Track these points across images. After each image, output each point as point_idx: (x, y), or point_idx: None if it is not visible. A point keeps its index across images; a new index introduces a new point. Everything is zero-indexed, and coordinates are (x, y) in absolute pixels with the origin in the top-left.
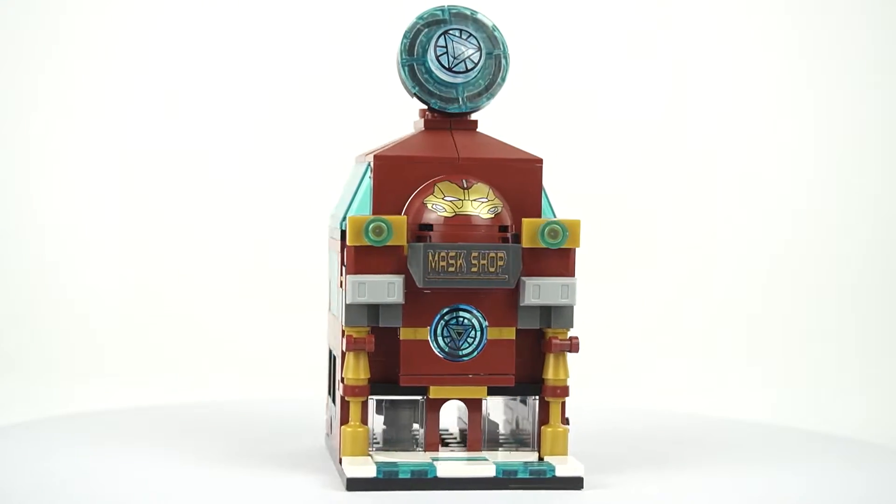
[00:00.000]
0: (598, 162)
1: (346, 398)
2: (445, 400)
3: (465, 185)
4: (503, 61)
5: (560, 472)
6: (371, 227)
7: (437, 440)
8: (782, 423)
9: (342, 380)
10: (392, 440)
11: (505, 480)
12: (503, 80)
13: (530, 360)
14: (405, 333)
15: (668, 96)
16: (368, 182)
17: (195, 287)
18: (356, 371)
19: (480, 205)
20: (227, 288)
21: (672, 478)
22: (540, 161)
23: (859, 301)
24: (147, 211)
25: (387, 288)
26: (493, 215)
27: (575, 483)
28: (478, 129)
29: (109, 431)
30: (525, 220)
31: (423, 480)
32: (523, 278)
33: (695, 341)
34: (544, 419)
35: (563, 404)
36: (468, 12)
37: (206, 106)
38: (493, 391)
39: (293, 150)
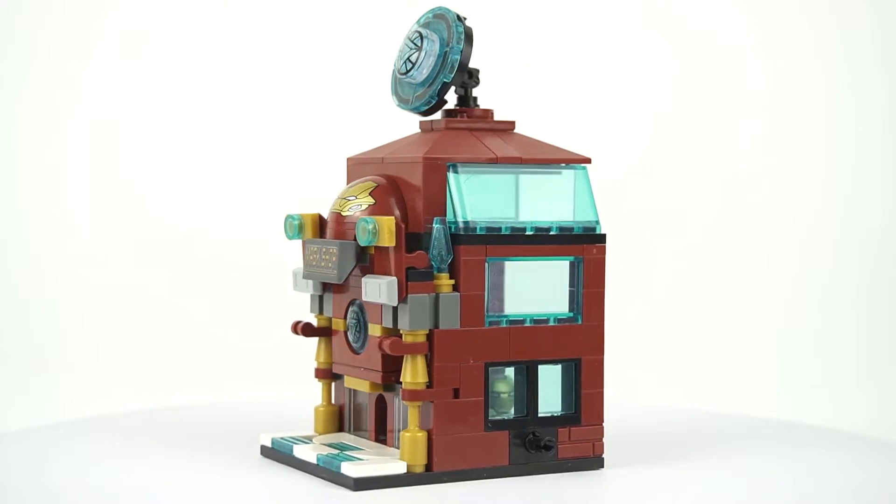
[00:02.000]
0: (599, 161)
1: (317, 380)
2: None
3: (350, 185)
4: (451, 58)
5: (344, 469)
6: (286, 223)
7: (373, 427)
8: (783, 418)
9: None
10: (358, 426)
11: (320, 469)
12: (447, 76)
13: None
14: (333, 323)
15: (670, 97)
16: None
17: (195, 290)
18: (325, 356)
19: (347, 203)
20: (229, 291)
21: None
22: (419, 160)
23: (861, 298)
24: (148, 213)
25: (300, 280)
26: (350, 213)
27: (353, 483)
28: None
29: (111, 437)
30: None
31: (290, 457)
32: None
33: (696, 337)
34: (405, 422)
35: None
36: (443, 11)
37: (206, 108)
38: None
39: (300, 151)
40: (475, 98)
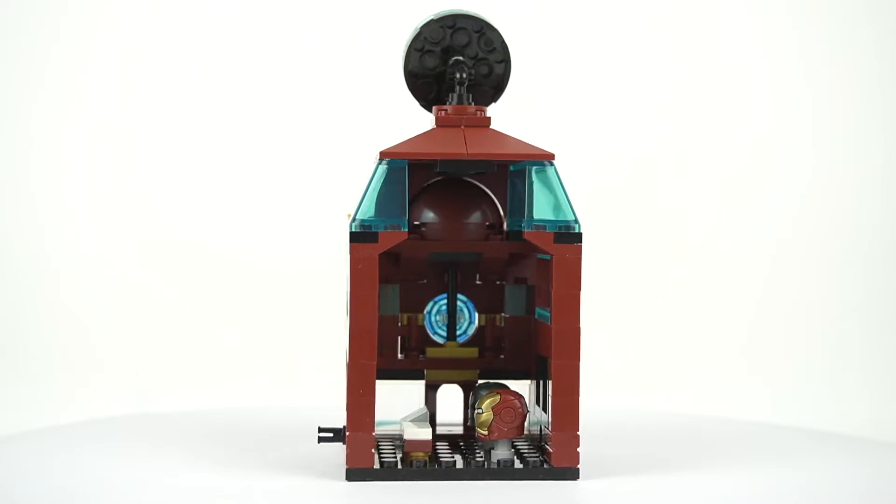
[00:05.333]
0: (602, 162)
1: None
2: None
3: None
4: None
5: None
6: None
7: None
8: (783, 422)
9: None
10: None
11: None
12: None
13: None
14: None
15: (670, 97)
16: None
17: (206, 294)
18: None
19: None
20: (237, 294)
21: (661, 476)
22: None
23: (862, 300)
24: (150, 214)
25: None
26: None
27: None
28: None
29: (111, 440)
30: None
31: None
32: None
33: (696, 341)
34: None
35: None
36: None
37: (207, 108)
38: None
39: (310, 151)
40: (469, 96)
